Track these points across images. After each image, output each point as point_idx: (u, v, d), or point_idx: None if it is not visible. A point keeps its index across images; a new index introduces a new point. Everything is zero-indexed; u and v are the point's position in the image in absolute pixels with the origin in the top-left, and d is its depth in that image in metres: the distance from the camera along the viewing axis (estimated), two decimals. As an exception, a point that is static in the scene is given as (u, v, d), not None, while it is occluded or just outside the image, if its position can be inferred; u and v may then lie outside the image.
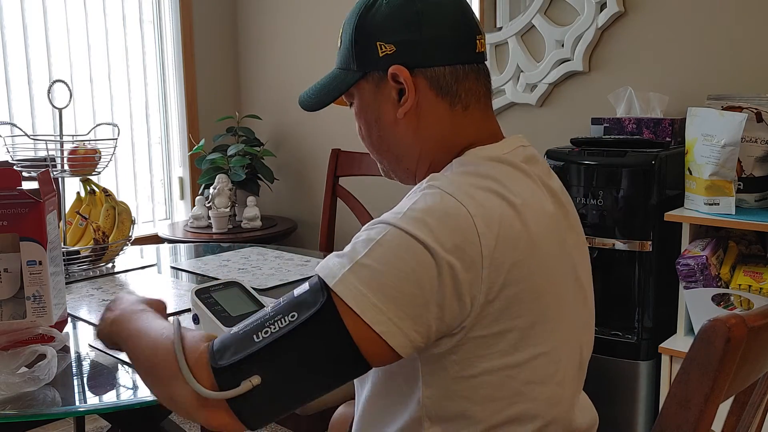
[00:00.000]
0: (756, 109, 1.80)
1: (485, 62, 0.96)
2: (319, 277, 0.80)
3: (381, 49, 0.90)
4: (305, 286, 0.81)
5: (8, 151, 1.76)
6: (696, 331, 0.73)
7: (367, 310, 0.76)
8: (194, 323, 1.21)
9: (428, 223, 0.79)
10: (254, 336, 0.78)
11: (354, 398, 1.39)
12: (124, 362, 1.17)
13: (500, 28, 2.46)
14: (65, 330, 1.30)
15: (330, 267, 0.80)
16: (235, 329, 0.80)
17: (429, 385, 0.84)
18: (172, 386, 0.80)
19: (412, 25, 0.90)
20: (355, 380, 0.97)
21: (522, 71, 2.43)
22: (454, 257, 0.78)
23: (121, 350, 0.98)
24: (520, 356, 0.83)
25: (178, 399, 0.80)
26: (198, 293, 1.21)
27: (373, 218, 2.43)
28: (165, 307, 1.06)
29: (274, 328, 0.77)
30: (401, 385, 0.87)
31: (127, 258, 1.87)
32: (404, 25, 0.90)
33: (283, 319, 0.77)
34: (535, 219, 0.84)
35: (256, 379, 0.76)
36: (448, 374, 0.83)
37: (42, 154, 1.83)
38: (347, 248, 0.81)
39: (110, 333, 0.99)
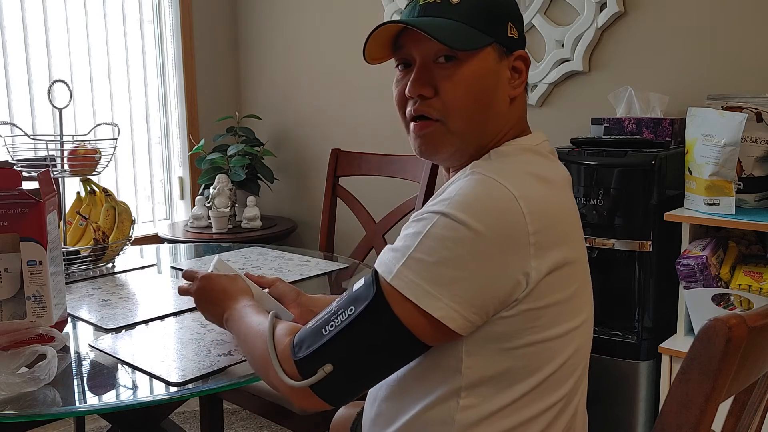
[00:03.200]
0: (756, 109, 1.80)
1: None
2: (375, 272, 0.88)
3: (510, 30, 0.96)
4: (361, 282, 0.90)
5: (8, 151, 1.76)
6: (696, 331, 0.73)
7: (422, 297, 0.84)
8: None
9: (475, 208, 0.84)
10: (322, 330, 0.89)
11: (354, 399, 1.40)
12: (124, 362, 1.17)
13: (500, 28, 2.46)
14: (65, 330, 1.30)
15: (386, 263, 0.88)
16: (309, 324, 0.92)
17: (472, 355, 0.89)
18: (270, 376, 0.94)
19: (521, 23, 1.00)
20: None
21: (522, 71, 2.43)
22: (503, 238, 0.83)
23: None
24: (560, 329, 0.90)
25: (276, 386, 0.93)
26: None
27: (373, 218, 2.43)
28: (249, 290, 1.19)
29: (337, 322, 0.88)
30: (439, 358, 0.91)
31: (127, 258, 1.87)
32: (521, 20, 1.00)
33: (343, 313, 0.88)
34: (569, 200, 0.94)
35: (328, 367, 0.87)
36: (493, 346, 0.88)
37: (42, 154, 1.83)
38: (399, 242, 0.89)
39: (225, 326, 1.14)
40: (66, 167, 1.75)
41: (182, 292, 1.26)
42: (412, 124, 0.97)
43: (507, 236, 0.83)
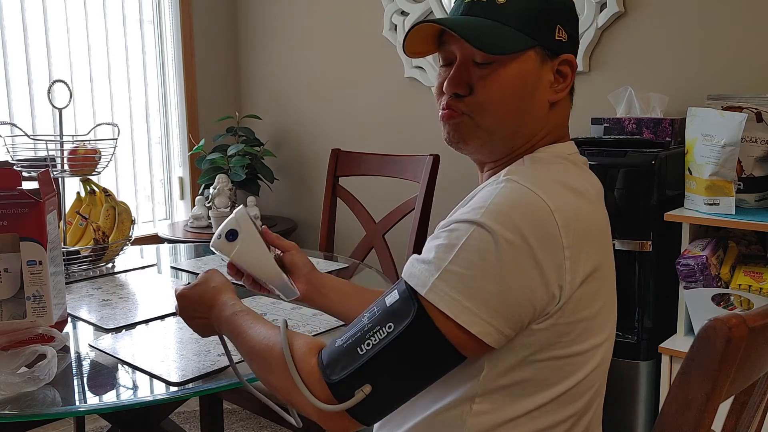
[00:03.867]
0: (756, 109, 1.80)
1: None
2: (408, 285, 0.85)
3: (558, 32, 0.93)
4: (395, 295, 0.86)
5: (8, 151, 1.76)
6: (696, 331, 0.73)
7: (461, 314, 0.81)
8: (228, 240, 1.15)
9: (512, 218, 0.82)
10: (358, 349, 0.84)
11: None
12: (124, 362, 1.17)
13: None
14: (65, 330, 1.30)
15: (418, 275, 0.85)
16: (339, 341, 0.87)
17: (493, 365, 0.88)
18: (292, 396, 0.88)
19: (575, 24, 0.97)
20: None
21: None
22: (540, 251, 0.82)
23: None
24: (585, 345, 0.89)
25: (299, 407, 0.89)
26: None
27: (373, 218, 2.42)
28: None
29: (375, 340, 0.84)
30: (458, 368, 0.89)
31: (127, 258, 1.87)
32: (574, 21, 0.97)
33: (381, 331, 0.84)
34: (601, 212, 0.93)
35: (367, 388, 0.83)
36: (515, 357, 0.87)
37: (42, 154, 1.83)
38: (430, 253, 0.85)
39: (221, 332, 1.05)
40: (66, 167, 1.75)
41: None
42: (441, 111, 0.98)
43: (544, 250, 0.82)
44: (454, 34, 0.92)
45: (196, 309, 1.08)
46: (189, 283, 1.12)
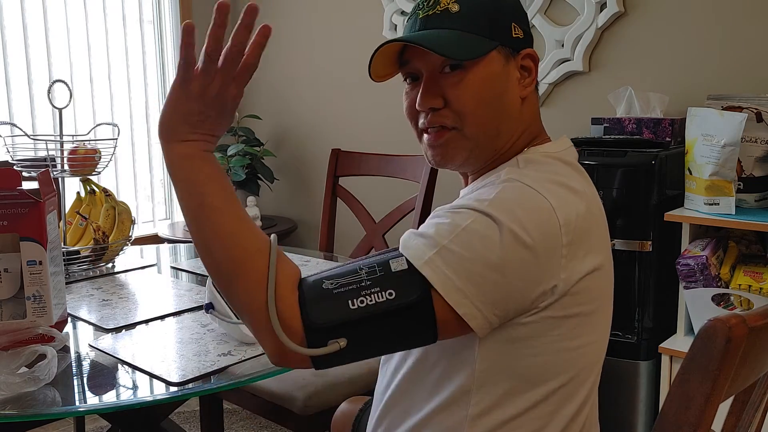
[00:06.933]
0: (756, 109, 1.80)
1: None
2: (416, 269, 0.82)
3: (515, 30, 0.96)
4: (403, 263, 0.83)
5: (8, 151, 1.76)
6: (696, 331, 0.73)
7: (452, 293, 0.81)
8: (205, 310, 1.21)
9: (516, 213, 0.83)
10: (349, 302, 0.81)
11: (355, 395, 1.40)
12: (124, 362, 1.17)
13: (500, 28, 2.46)
14: (65, 330, 1.30)
15: (414, 247, 0.84)
16: (327, 284, 0.83)
17: (485, 359, 0.88)
18: (254, 317, 0.83)
19: (526, 20, 0.99)
20: (383, 357, 1.03)
21: (522, 71, 2.43)
22: (540, 247, 0.83)
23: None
24: (577, 342, 0.89)
25: (257, 330, 0.83)
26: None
27: (373, 218, 2.42)
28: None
29: (371, 300, 0.81)
30: (453, 358, 0.90)
31: (127, 258, 1.87)
32: (525, 17, 0.99)
33: (380, 294, 0.81)
34: (598, 211, 0.93)
35: (342, 342, 0.81)
36: (507, 350, 0.88)
37: (42, 154, 1.83)
38: (429, 229, 0.85)
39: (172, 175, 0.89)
40: (66, 167, 1.75)
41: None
42: (425, 135, 0.98)
43: (546, 247, 0.83)
44: (418, 50, 0.93)
45: (187, 113, 0.90)
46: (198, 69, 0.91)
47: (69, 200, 1.87)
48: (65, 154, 1.75)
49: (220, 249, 0.86)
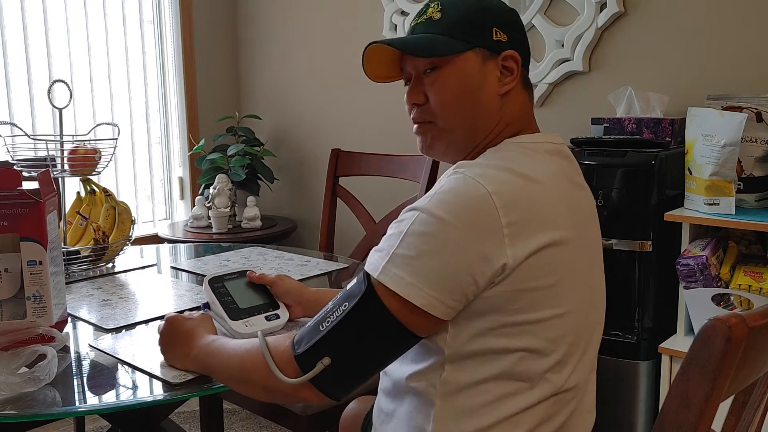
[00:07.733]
0: (756, 109, 1.80)
1: None
2: (365, 271, 0.96)
3: (496, 34, 1.05)
4: (354, 281, 0.98)
5: (8, 151, 1.76)
6: (696, 331, 0.73)
7: (405, 288, 0.91)
8: (202, 309, 1.27)
9: (449, 202, 0.92)
10: (320, 326, 0.96)
11: (364, 395, 1.43)
12: (124, 362, 1.17)
13: (500, 28, 2.46)
14: (65, 330, 1.30)
15: (372, 262, 0.96)
16: (309, 323, 0.98)
17: (454, 336, 0.95)
18: (270, 383, 0.98)
19: (520, 29, 1.09)
20: None
21: (522, 71, 2.43)
22: (472, 229, 0.90)
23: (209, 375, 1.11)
24: (539, 314, 0.94)
25: (276, 391, 0.99)
26: (211, 282, 1.28)
27: (373, 218, 2.43)
28: (213, 327, 1.19)
29: (333, 317, 0.95)
30: (426, 341, 0.98)
31: (127, 258, 1.87)
32: (513, 24, 1.08)
33: (338, 309, 0.95)
34: (553, 194, 0.97)
35: (326, 360, 0.94)
36: (473, 326, 0.94)
37: (42, 154, 1.83)
38: (383, 243, 0.97)
39: (189, 364, 1.12)
40: (66, 167, 1.75)
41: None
42: (414, 126, 1.11)
43: (477, 227, 0.90)
44: (408, 55, 1.06)
45: (180, 338, 1.14)
46: (184, 312, 1.21)
47: (69, 200, 1.87)
48: (65, 154, 1.75)
49: (229, 367, 1.07)
